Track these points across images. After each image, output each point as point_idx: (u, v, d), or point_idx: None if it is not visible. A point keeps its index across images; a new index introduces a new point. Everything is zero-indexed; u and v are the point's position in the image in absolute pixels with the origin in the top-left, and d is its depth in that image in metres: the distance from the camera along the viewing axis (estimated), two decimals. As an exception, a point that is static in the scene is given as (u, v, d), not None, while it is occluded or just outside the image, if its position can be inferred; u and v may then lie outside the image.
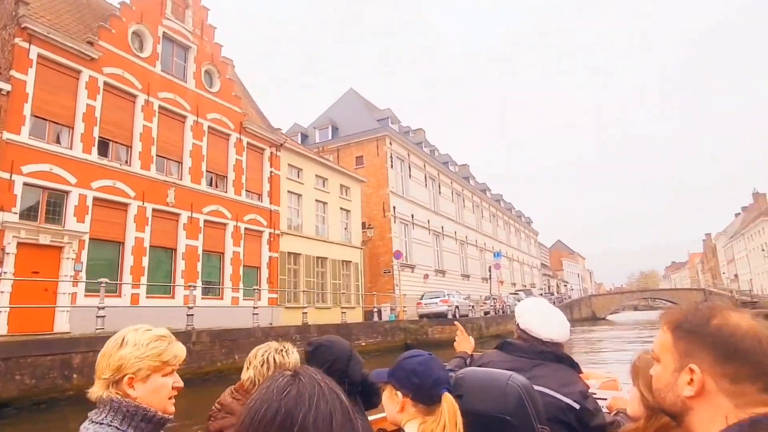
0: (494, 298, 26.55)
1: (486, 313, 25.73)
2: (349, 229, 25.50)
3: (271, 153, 20.29)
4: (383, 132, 30.12)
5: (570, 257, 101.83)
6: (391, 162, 30.20)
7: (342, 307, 22.99)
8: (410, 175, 32.42)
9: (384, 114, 33.14)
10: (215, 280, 17.31)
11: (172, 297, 15.31)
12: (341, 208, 25.01)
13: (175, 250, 15.76)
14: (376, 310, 20.03)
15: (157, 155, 15.53)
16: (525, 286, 47.21)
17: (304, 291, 20.59)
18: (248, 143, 19.14)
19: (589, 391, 1.86)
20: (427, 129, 44.15)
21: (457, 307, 20.42)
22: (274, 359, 1.83)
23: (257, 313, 12.57)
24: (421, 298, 21.38)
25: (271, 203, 19.88)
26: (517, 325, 1.94)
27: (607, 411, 2.06)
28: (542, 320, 1.90)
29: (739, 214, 77.29)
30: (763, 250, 56.01)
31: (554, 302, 45.71)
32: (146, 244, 14.66)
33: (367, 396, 2.07)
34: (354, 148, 30.78)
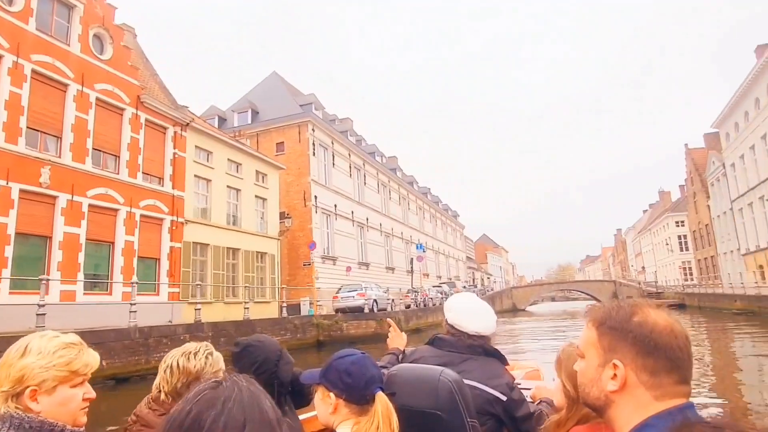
0: (416, 291, 25.97)
1: (407, 306, 25.09)
2: (265, 219, 23.92)
3: (176, 133, 18.36)
4: (306, 117, 28.65)
5: (494, 250, 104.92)
6: (314, 149, 28.82)
7: (256, 302, 21.56)
8: (334, 164, 31.19)
9: (308, 99, 31.63)
10: (103, 273, 15.29)
11: (46, 293, 13.22)
12: (257, 196, 23.38)
13: (51, 238, 13.62)
14: (285, 305, 18.64)
15: (28, 127, 13.29)
16: (450, 279, 47.42)
17: (211, 285, 18.96)
18: (147, 120, 17.12)
19: (515, 382, 1.91)
20: (355, 120, 42.95)
21: (375, 300, 19.50)
22: (178, 364, 1.66)
23: (135, 311, 10.85)
24: (338, 292, 20.26)
25: (174, 188, 17.98)
26: (446, 320, 1.99)
27: (531, 400, 2.09)
28: (469, 315, 1.94)
29: (647, 210, 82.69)
30: (667, 244, 59.94)
31: (477, 294, 46.39)
32: (10, 231, 12.48)
33: (298, 395, 2.01)
34: (275, 133, 29.10)
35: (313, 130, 28.95)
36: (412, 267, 28.68)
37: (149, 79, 18.93)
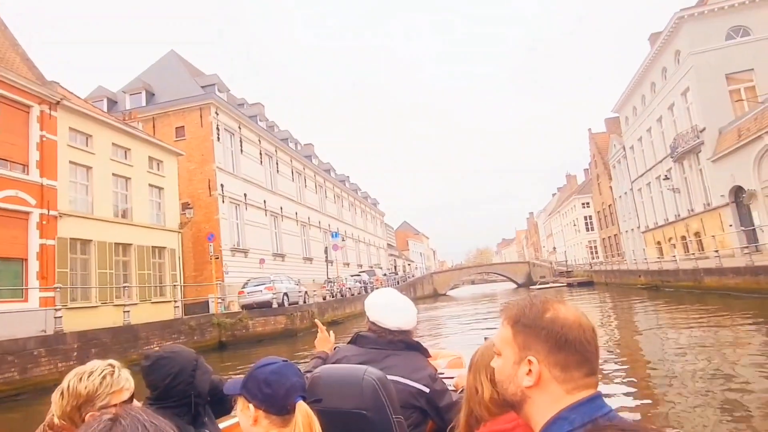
0: (332, 282, 24.83)
1: (324, 298, 23.91)
2: (162, 210, 21.65)
3: (43, 113, 15.80)
4: (208, 99, 26.39)
5: (415, 237, 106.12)
6: (218, 134, 26.66)
7: (153, 302, 19.47)
8: (242, 151, 29.15)
9: (210, 80, 29.23)
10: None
11: None
12: (152, 185, 21.07)
13: None
14: (180, 305, 16.78)
15: None
16: (369, 267, 46.75)
17: (96, 287, 16.72)
18: (2, 96, 14.52)
19: (438, 372, 1.96)
20: (271, 106, 40.82)
21: (285, 294, 18.10)
22: (68, 385, 1.46)
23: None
24: (244, 287, 18.60)
25: (43, 176, 15.49)
26: (368, 317, 2.00)
27: (454, 389, 2.10)
28: (390, 311, 1.96)
29: (556, 194, 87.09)
30: (575, 225, 63.20)
31: (398, 282, 46.55)
32: None
33: (218, 404, 1.92)
34: (173, 117, 26.59)
35: (216, 113, 26.76)
36: (327, 256, 27.44)
37: (8, 49, 16.16)
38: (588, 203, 59.79)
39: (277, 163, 34.29)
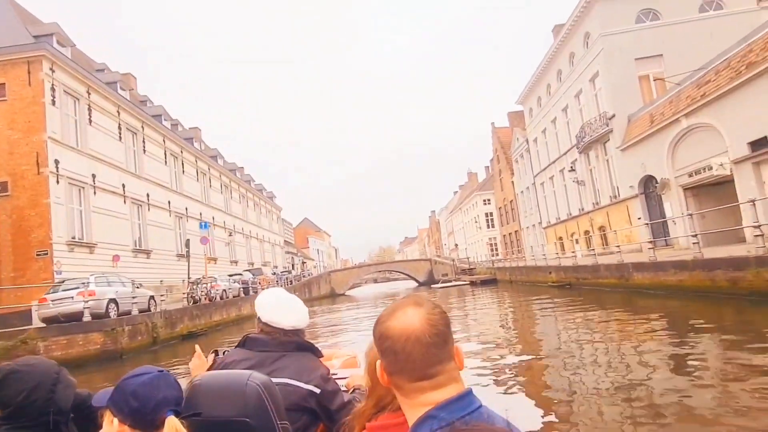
0: (197, 282, 20.12)
1: (196, 302, 19.22)
2: (-47, 188, 15.93)
3: None
4: (39, 51, 20.62)
5: (316, 234, 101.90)
6: (54, 97, 20.96)
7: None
8: (91, 121, 23.51)
9: (47, 29, 23.14)
10: None
11: None
12: (-66, 153, 15.32)
13: None
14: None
15: None
16: (252, 265, 42.00)
17: None
18: None
19: (331, 372, 1.91)
20: (146, 78, 34.77)
21: (112, 301, 13.30)
22: None
23: None
24: (48, 292, 13.39)
25: None
26: (259, 318, 1.92)
27: (345, 389, 2.05)
28: (283, 310, 1.91)
29: (457, 192, 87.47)
30: (476, 222, 62.83)
31: (291, 281, 42.24)
32: None
33: (85, 420, 1.73)
34: (-11, 70, 20.48)
35: (52, 69, 21.03)
36: (188, 251, 22.69)
37: None
38: (489, 200, 59.54)
39: (143, 142, 28.73)
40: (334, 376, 1.90)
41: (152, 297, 15.87)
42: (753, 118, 14.10)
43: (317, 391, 1.75)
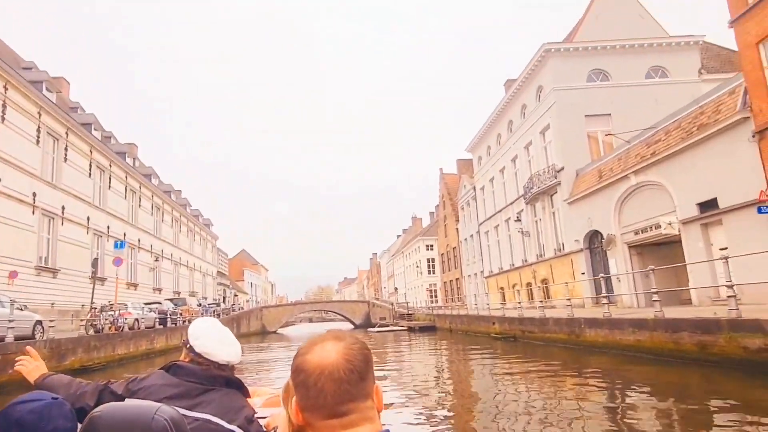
0: (106, 309, 17.61)
1: (101, 330, 16.55)
2: None
3: None
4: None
5: (253, 267, 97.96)
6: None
7: None
8: (4, 119, 20.98)
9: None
10: None
11: None
12: None
13: None
14: None
15: None
16: (178, 294, 38.90)
17: None
18: None
19: (254, 412, 1.84)
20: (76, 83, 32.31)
21: None
22: None
23: None
24: None
25: None
26: (191, 347, 1.80)
27: (265, 430, 1.89)
28: (220, 343, 1.82)
29: (401, 235, 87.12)
30: (417, 267, 62.19)
31: (218, 314, 39.32)
32: None
33: None
34: None
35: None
36: (94, 272, 20.16)
37: None
38: (432, 245, 59.23)
39: (66, 150, 26.11)
40: (257, 417, 1.79)
41: (39, 322, 13.48)
42: (702, 180, 14.09)
43: None
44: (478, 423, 6.91)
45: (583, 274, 20.93)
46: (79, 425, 1.23)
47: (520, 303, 19.65)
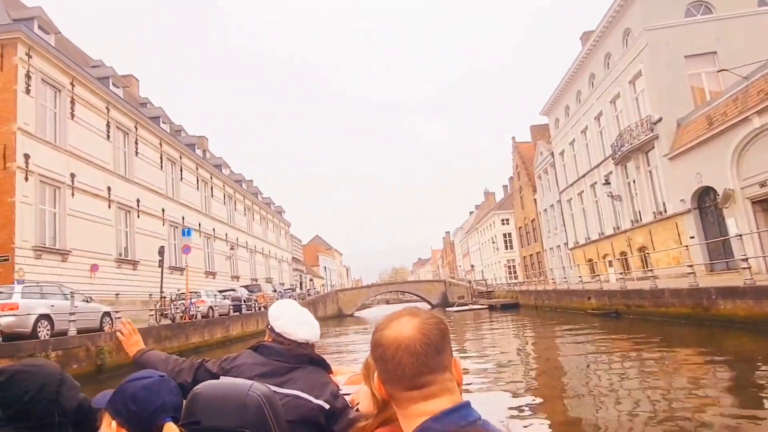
0: (178, 298, 17.33)
1: (173, 320, 16.38)
2: None
3: None
4: (14, 33, 18.52)
5: (327, 252, 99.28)
6: (29, 85, 18.79)
7: None
8: (74, 116, 21.31)
9: (30, 13, 21.18)
10: None
11: None
12: None
13: None
14: None
15: None
16: (254, 280, 39.28)
17: None
18: None
19: (338, 388, 1.90)
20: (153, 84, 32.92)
21: (45, 317, 10.39)
22: None
23: None
24: None
25: None
26: (272, 328, 1.91)
27: (351, 406, 1.98)
28: (298, 322, 1.90)
29: (473, 212, 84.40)
30: (493, 242, 59.64)
31: (295, 299, 39.32)
32: None
33: (82, 424, 1.59)
34: (-42, 54, 18.40)
35: (28, 55, 18.90)
36: (161, 260, 20.03)
37: None
38: (508, 219, 56.44)
39: (136, 143, 26.51)
40: (342, 393, 1.86)
41: (107, 314, 13.21)
42: None
43: (327, 407, 1.73)
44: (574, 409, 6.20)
45: (692, 237, 18.14)
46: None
47: (622, 274, 17.30)
